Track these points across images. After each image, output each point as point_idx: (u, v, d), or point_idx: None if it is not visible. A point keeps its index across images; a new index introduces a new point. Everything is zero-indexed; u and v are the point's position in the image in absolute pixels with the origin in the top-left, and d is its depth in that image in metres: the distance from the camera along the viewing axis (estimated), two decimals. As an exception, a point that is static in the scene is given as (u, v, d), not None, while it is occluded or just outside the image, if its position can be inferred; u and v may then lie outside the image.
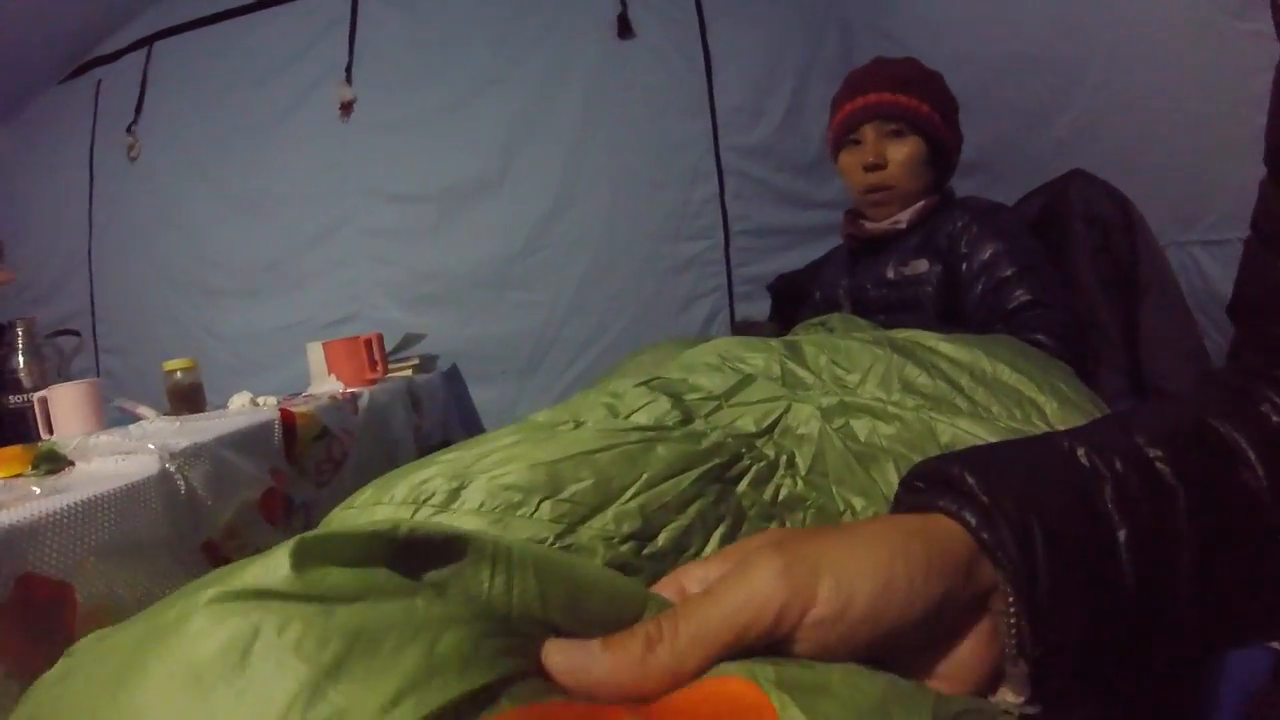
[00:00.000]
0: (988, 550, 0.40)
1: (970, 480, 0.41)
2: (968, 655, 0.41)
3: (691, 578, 0.44)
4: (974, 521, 0.40)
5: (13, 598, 0.69)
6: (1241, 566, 0.42)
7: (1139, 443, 0.45)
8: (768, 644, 0.37)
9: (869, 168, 1.60)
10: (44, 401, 1.60)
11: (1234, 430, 0.45)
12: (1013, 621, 0.39)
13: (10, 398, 1.81)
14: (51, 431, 1.58)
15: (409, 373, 2.26)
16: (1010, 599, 0.39)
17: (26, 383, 1.82)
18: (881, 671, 0.37)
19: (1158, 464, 0.43)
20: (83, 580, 0.78)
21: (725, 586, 0.38)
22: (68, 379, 1.73)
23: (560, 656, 0.36)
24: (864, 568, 0.38)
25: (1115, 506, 0.41)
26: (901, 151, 1.58)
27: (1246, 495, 0.43)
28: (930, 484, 0.45)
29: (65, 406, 1.60)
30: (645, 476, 0.59)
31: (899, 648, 0.39)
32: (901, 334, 0.91)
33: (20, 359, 1.84)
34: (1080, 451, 0.44)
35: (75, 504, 0.79)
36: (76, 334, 2.16)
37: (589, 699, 0.35)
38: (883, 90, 1.59)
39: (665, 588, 0.44)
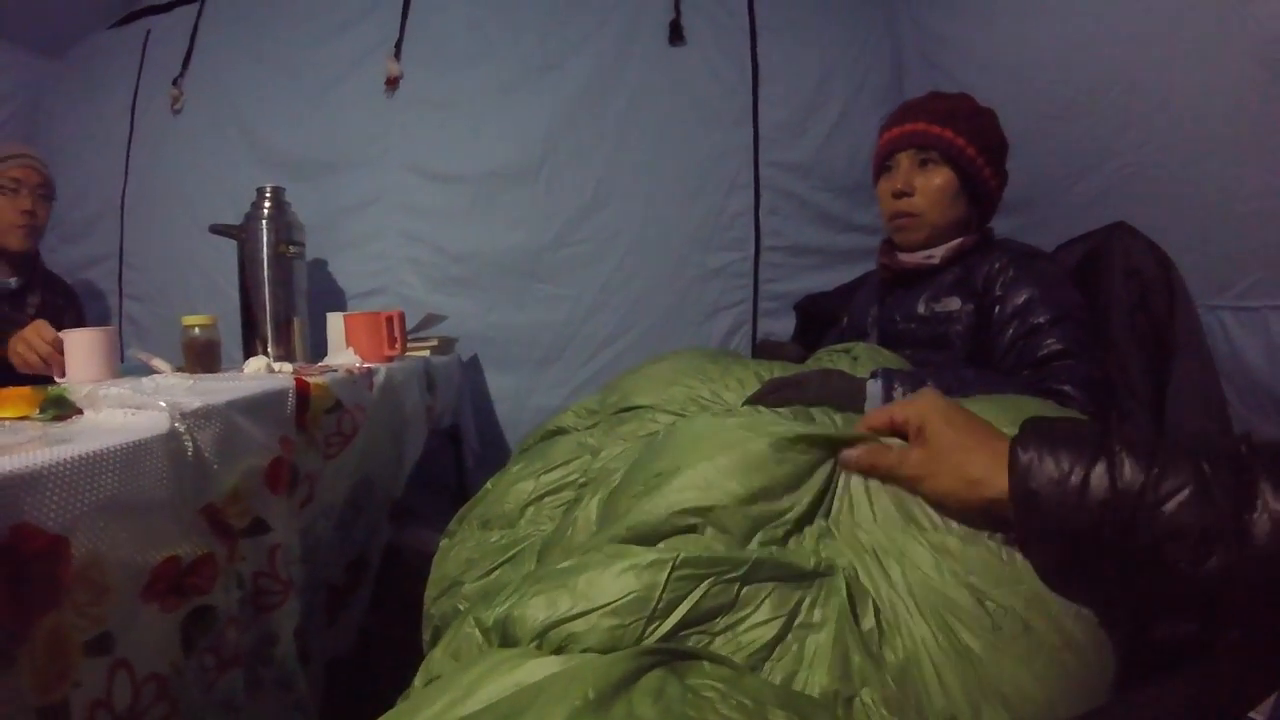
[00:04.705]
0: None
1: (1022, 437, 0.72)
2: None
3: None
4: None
5: (5, 546, 0.68)
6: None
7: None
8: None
9: (896, 194, 1.61)
10: (58, 343, 1.61)
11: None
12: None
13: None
14: (64, 374, 1.59)
15: (426, 353, 2.25)
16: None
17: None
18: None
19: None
20: (79, 534, 0.77)
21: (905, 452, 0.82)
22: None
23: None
24: (941, 489, 0.77)
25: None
26: (930, 181, 1.58)
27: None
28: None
29: (79, 351, 1.59)
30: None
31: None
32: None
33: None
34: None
35: (80, 456, 0.78)
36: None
37: None
38: (921, 120, 1.60)
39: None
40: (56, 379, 1.59)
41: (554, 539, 1.03)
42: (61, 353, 1.61)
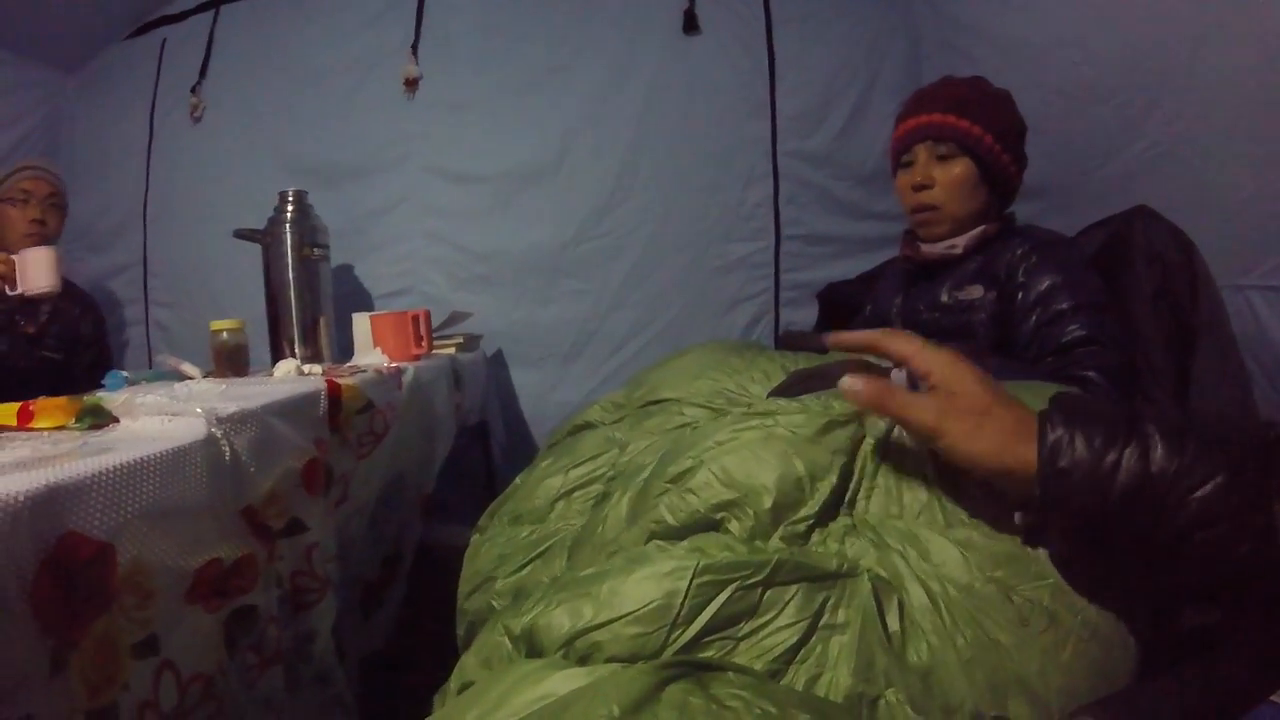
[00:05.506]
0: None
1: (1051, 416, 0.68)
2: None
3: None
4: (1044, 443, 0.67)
5: (54, 556, 0.70)
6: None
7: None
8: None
9: (916, 188, 1.60)
10: (11, 262, 1.77)
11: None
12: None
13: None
14: (15, 287, 1.76)
15: (452, 350, 2.27)
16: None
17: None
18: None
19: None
20: (123, 541, 0.79)
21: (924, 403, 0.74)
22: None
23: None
24: (971, 451, 0.71)
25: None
26: (949, 173, 1.56)
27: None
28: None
29: (30, 266, 1.77)
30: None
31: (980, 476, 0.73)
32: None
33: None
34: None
35: (121, 464, 0.80)
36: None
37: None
38: (935, 111, 1.58)
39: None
40: (9, 291, 1.76)
41: (584, 536, 1.03)
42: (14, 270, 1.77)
